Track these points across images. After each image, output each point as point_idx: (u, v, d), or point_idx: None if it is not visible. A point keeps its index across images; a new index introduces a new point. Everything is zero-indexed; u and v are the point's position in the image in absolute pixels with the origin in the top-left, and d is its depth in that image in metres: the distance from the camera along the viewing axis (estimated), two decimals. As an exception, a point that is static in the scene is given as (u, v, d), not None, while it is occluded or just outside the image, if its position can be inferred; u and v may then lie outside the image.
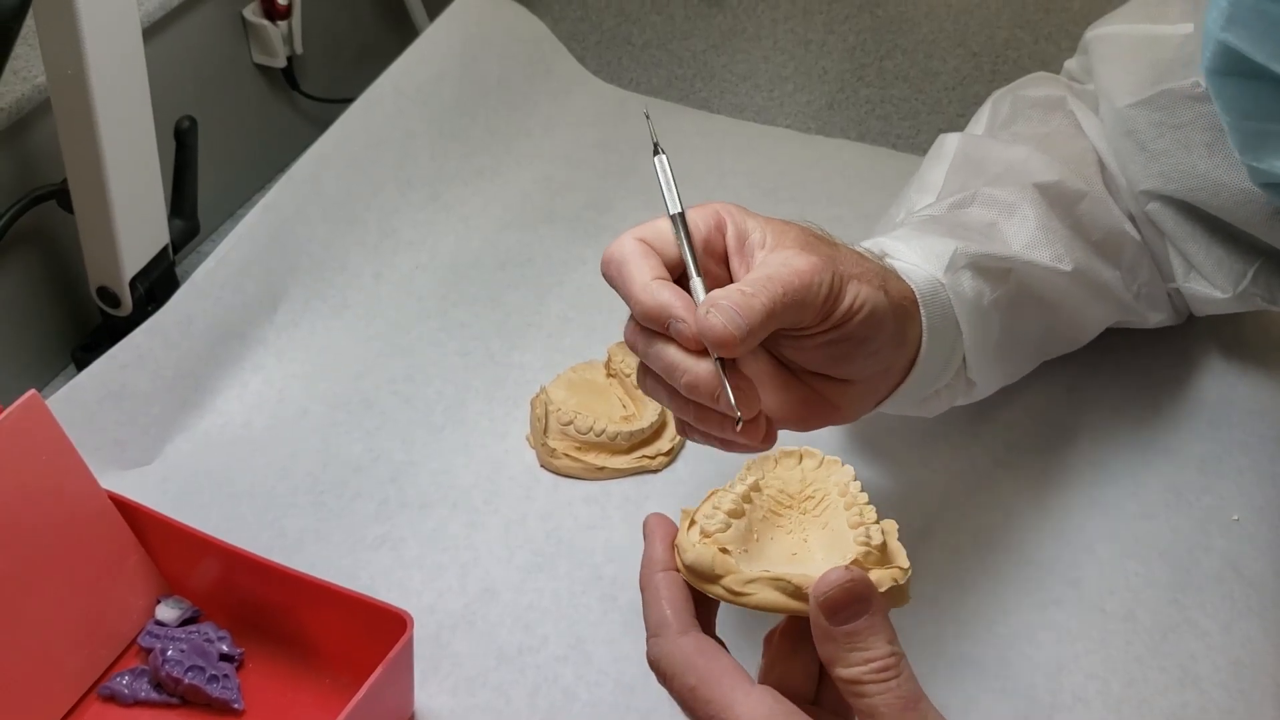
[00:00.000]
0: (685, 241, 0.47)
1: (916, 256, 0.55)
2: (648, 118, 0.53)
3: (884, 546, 0.43)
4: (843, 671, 0.40)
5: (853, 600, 0.40)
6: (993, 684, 0.59)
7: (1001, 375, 0.65)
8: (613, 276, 0.47)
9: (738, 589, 0.42)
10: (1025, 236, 0.61)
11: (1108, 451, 0.70)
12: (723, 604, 0.44)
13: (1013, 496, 0.68)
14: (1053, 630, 0.61)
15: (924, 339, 0.53)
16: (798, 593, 0.41)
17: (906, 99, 1.03)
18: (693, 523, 0.44)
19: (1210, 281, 0.65)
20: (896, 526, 0.45)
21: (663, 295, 0.45)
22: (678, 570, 0.44)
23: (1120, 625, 0.61)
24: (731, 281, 0.49)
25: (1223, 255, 0.64)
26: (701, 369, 0.45)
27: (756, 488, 0.45)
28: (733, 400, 0.44)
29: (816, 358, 0.50)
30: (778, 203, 0.89)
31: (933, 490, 0.68)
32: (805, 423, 0.52)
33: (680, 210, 0.48)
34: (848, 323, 0.49)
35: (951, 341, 0.56)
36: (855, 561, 0.42)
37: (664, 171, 0.49)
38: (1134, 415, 0.72)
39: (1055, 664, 0.59)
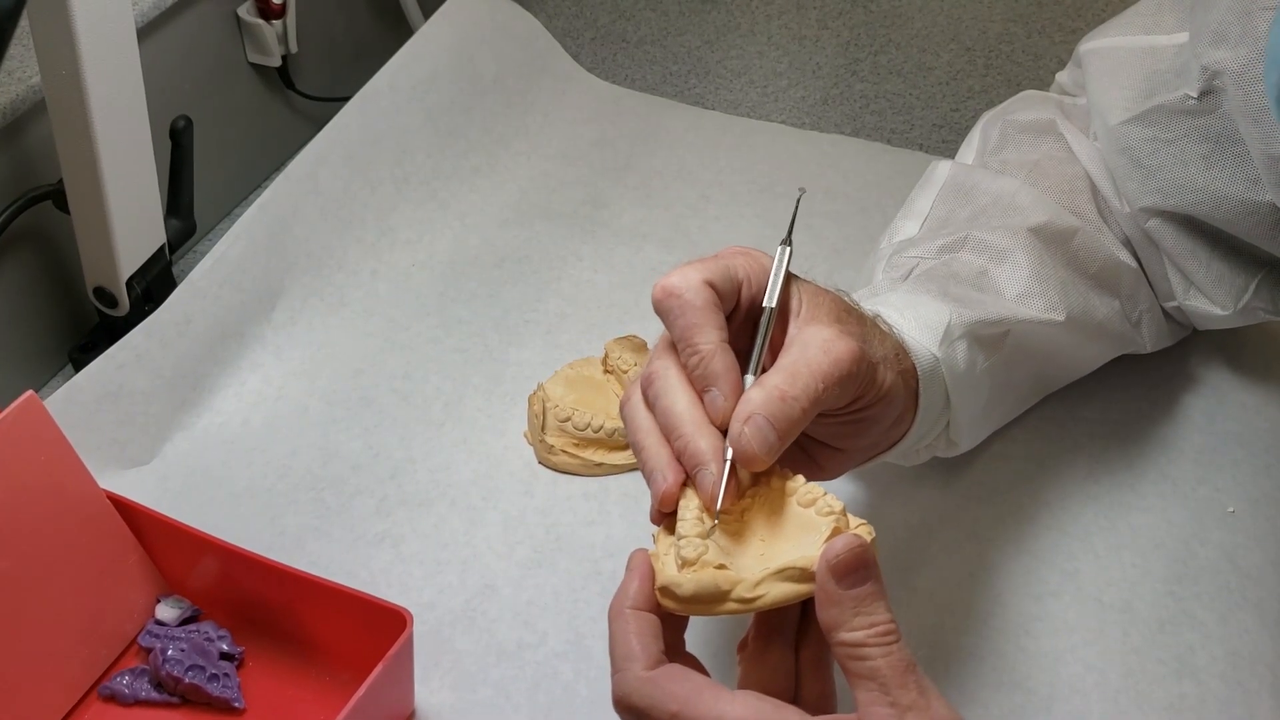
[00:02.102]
0: (764, 337, 0.47)
1: (914, 328, 0.54)
2: (798, 202, 0.52)
3: (844, 510, 0.44)
4: (846, 635, 0.40)
5: (860, 565, 0.41)
6: (989, 676, 0.59)
7: (986, 430, 0.65)
8: (671, 311, 0.46)
9: (749, 595, 0.42)
10: (1018, 285, 0.61)
11: (1104, 444, 0.70)
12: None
13: (1009, 489, 0.68)
14: (1049, 622, 0.61)
15: (918, 415, 0.53)
16: (804, 575, 0.42)
17: (900, 94, 1.03)
18: (664, 562, 0.44)
19: (1210, 298, 0.64)
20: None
21: (718, 365, 0.45)
22: (655, 609, 0.44)
23: (1117, 617, 0.61)
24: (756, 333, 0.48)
25: (1224, 270, 0.64)
26: (704, 445, 0.44)
27: (704, 507, 0.44)
28: (719, 501, 0.44)
29: (824, 431, 0.50)
30: (774, 198, 0.89)
31: (929, 484, 0.68)
32: None
33: (773, 306, 0.48)
34: (870, 406, 0.49)
35: (939, 410, 0.56)
36: (835, 530, 0.43)
37: (780, 263, 0.48)
38: (1130, 408, 0.72)
39: (1052, 655, 0.60)
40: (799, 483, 0.45)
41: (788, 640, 0.45)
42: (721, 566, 0.42)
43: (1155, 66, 0.62)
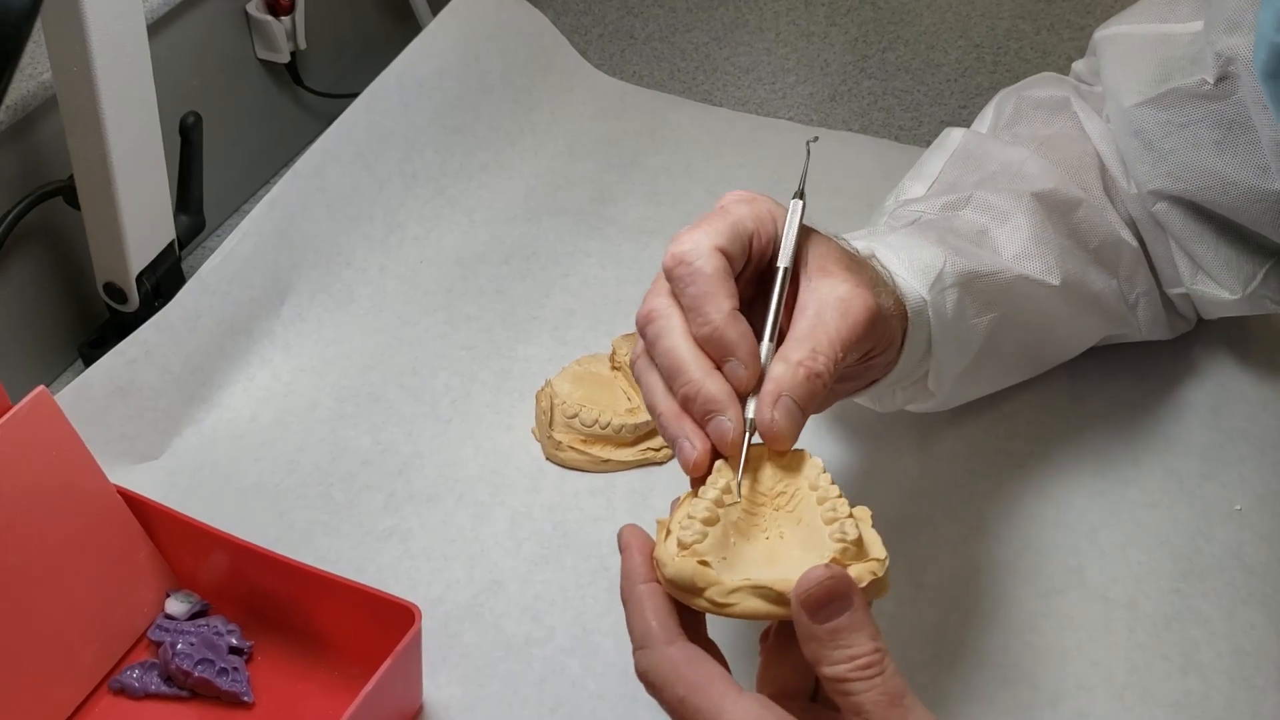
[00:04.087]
0: (779, 299, 0.46)
1: (905, 270, 0.54)
2: (809, 151, 0.51)
3: (860, 540, 0.42)
4: (827, 670, 0.40)
5: (833, 598, 0.40)
6: (995, 672, 0.59)
7: (968, 392, 0.65)
8: (682, 278, 0.45)
9: (720, 600, 0.41)
10: (1016, 246, 0.61)
11: (1109, 439, 0.70)
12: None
13: (1014, 485, 0.68)
14: (1055, 618, 0.61)
15: (902, 355, 0.53)
16: (780, 598, 0.41)
17: (908, 90, 1.03)
18: (669, 533, 0.44)
19: (1218, 282, 0.64)
20: (870, 513, 0.44)
21: (732, 334, 0.44)
22: (658, 581, 0.43)
23: (1123, 613, 0.62)
24: (765, 278, 0.48)
25: (1232, 255, 0.64)
26: (714, 389, 0.44)
27: (728, 490, 0.44)
28: (739, 475, 0.43)
29: None
30: (782, 195, 0.88)
31: (933, 479, 0.68)
32: None
33: (788, 266, 0.47)
34: (879, 355, 0.49)
35: (921, 355, 0.56)
36: (834, 559, 0.42)
37: (794, 219, 0.48)
38: (1136, 403, 0.72)
39: (1058, 652, 0.60)
40: (830, 493, 0.44)
41: None
42: (704, 563, 0.42)
43: (1170, 53, 0.62)
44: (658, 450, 0.70)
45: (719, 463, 0.45)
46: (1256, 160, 0.58)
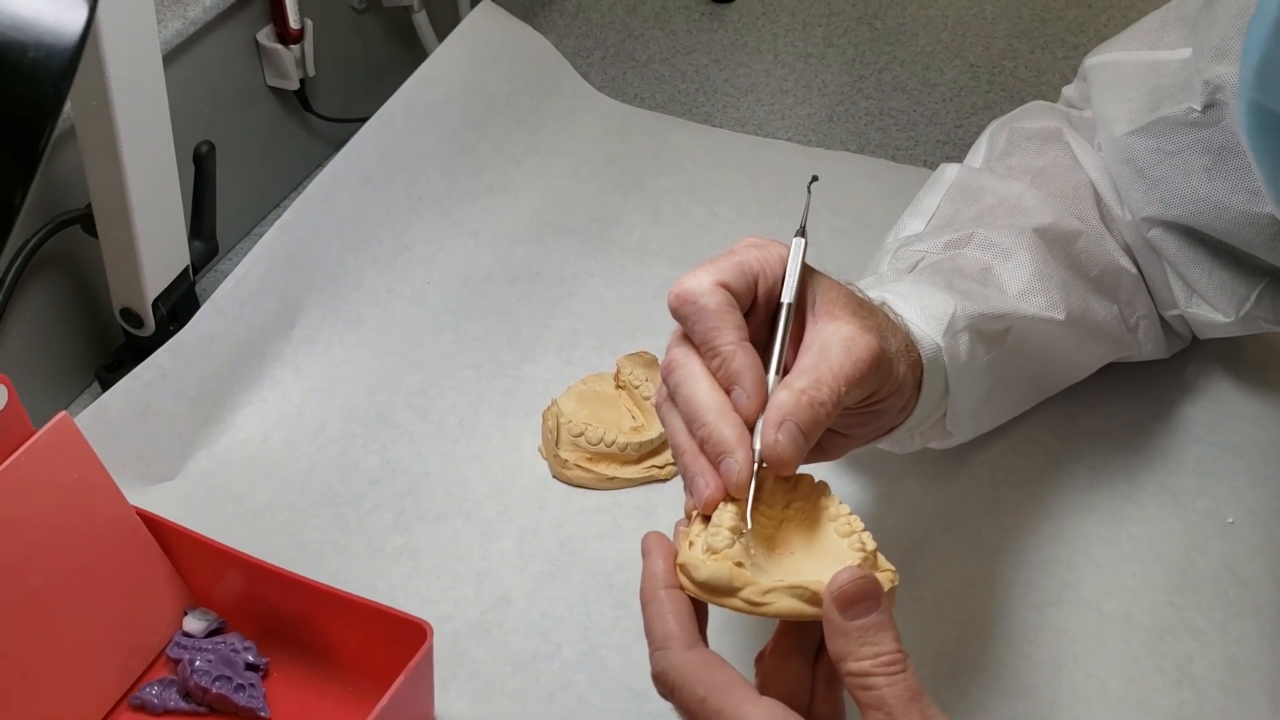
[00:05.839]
0: (784, 333, 0.47)
1: (919, 317, 0.55)
2: (810, 190, 0.52)
3: (876, 552, 0.45)
4: (853, 665, 0.41)
5: (864, 596, 0.41)
6: (993, 685, 0.60)
7: (982, 425, 0.66)
8: (689, 317, 0.46)
9: (757, 599, 0.43)
10: (1020, 283, 0.62)
11: (1105, 455, 0.72)
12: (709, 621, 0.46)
13: (1011, 500, 0.69)
14: (1051, 631, 0.63)
15: (919, 400, 0.55)
16: (814, 598, 0.43)
17: (905, 110, 1.04)
18: (691, 542, 0.45)
19: (1212, 305, 0.66)
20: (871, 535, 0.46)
21: (739, 364, 0.46)
22: (679, 587, 0.45)
23: (1118, 626, 0.63)
24: (771, 322, 0.49)
25: (1225, 279, 0.65)
26: (728, 433, 0.45)
27: (740, 515, 0.45)
28: (749, 509, 0.45)
29: (837, 421, 0.51)
30: (781, 215, 0.91)
31: (931, 495, 0.69)
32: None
33: (791, 301, 0.48)
34: (885, 399, 0.50)
35: (938, 399, 0.57)
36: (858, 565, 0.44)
37: (796, 256, 0.48)
38: (1130, 419, 0.74)
39: (1054, 664, 0.61)
40: (841, 511, 0.46)
41: (807, 658, 0.46)
42: (739, 565, 0.44)
43: (1159, 80, 0.63)
44: (662, 468, 0.72)
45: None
46: (1247, 184, 0.59)
